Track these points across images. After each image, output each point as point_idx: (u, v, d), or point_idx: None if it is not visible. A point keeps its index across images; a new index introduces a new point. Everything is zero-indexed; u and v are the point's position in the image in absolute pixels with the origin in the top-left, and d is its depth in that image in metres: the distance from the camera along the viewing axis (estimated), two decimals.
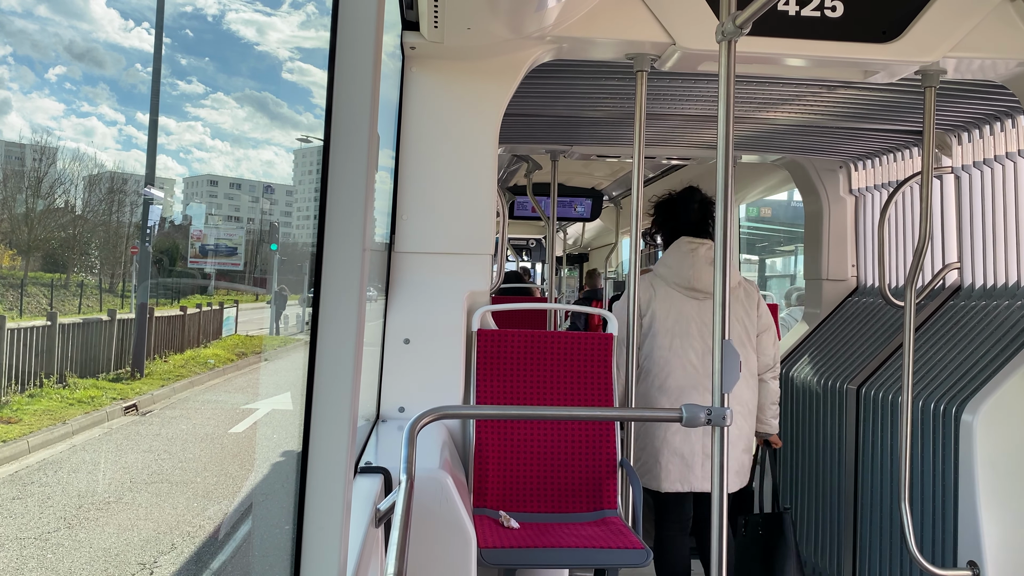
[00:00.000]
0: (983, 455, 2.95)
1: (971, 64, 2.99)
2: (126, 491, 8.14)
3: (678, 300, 3.44)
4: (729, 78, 2.06)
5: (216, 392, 14.18)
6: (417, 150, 3.12)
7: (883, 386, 3.65)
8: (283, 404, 12.97)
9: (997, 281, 3.51)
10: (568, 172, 6.76)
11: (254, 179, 72.92)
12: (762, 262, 18.76)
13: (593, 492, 3.10)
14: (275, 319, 22.76)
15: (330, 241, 1.39)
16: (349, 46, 1.39)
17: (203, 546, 6.80)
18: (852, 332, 4.29)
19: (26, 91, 48.77)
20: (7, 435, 9.60)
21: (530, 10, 2.60)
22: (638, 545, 2.71)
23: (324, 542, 1.42)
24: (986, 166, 3.58)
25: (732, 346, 2.03)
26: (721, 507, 1.99)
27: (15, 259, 18.58)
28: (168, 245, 24.94)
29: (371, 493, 2.13)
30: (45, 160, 22.04)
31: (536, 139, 4.72)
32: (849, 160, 4.63)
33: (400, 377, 3.07)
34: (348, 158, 1.39)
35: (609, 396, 3.22)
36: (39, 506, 7.53)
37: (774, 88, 3.44)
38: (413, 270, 3.12)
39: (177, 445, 10.13)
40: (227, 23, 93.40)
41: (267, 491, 8.46)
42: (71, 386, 12.37)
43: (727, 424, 1.98)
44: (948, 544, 3.10)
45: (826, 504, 4.06)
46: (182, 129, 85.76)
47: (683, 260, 3.45)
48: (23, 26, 46.94)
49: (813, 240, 4.77)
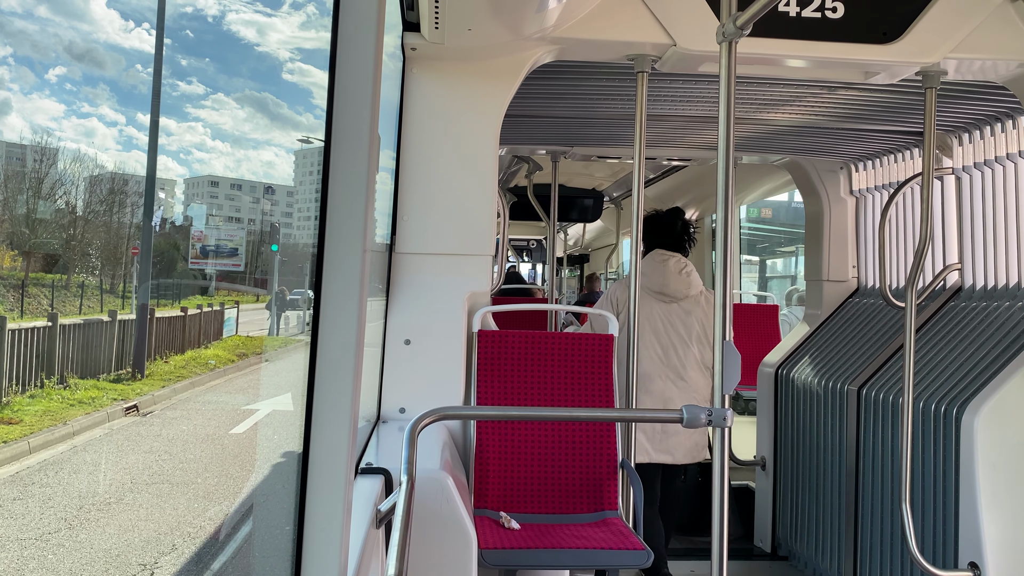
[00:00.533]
0: (984, 456, 2.95)
1: (972, 65, 2.99)
2: (127, 492, 8.14)
3: (649, 301, 4.00)
4: (730, 79, 2.06)
5: (217, 393, 14.18)
6: (418, 151, 3.12)
7: (884, 387, 3.65)
8: (284, 405, 12.97)
9: (998, 282, 3.51)
10: (569, 173, 6.76)
11: (255, 180, 72.95)
12: (762, 263, 18.75)
13: (594, 493, 3.10)
14: (276, 320, 22.77)
15: (331, 242, 1.39)
16: (350, 47, 1.39)
17: (204, 547, 6.80)
18: (853, 333, 4.29)
19: (27, 91, 48.81)
20: (8, 436, 9.60)
21: (531, 11, 2.60)
22: (639, 546, 2.71)
23: (325, 543, 1.42)
24: (987, 167, 3.58)
25: (733, 347, 2.03)
26: (722, 503, 1.99)
27: (16, 260, 18.59)
28: (169, 246, 24.95)
29: (372, 494, 2.13)
30: (46, 161, 22.05)
31: (537, 140, 4.72)
32: (850, 161, 4.63)
33: (401, 378, 3.07)
34: (349, 159, 1.39)
35: (610, 397, 3.22)
36: (40, 507, 7.53)
37: (775, 89, 3.44)
38: (414, 271, 3.12)
39: (178, 446, 10.14)
40: (227, 24, 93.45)
41: (268, 492, 8.46)
42: (72, 387, 12.38)
43: (727, 425, 1.98)
44: (949, 545, 3.10)
45: (826, 505, 4.06)
46: (183, 130, 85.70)
47: (656, 269, 4.03)
48: (24, 27, 46.99)
49: (814, 241, 4.77)
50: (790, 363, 4.60)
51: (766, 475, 4.63)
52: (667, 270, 3.97)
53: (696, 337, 3.96)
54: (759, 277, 18.10)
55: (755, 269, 18.12)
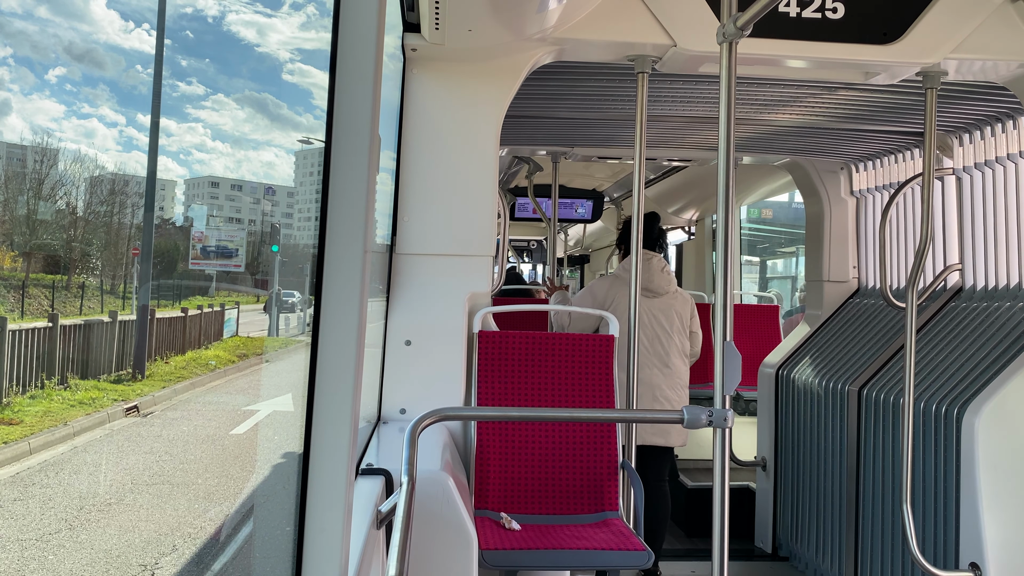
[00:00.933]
0: (985, 456, 2.95)
1: (972, 66, 2.99)
2: (127, 492, 8.14)
3: None
4: (730, 80, 2.06)
5: (217, 393, 14.18)
6: (418, 152, 3.12)
7: (884, 388, 3.65)
8: (284, 405, 12.97)
9: (999, 282, 3.50)
10: (569, 173, 6.76)
11: (255, 181, 72.95)
12: (763, 263, 18.77)
13: (594, 494, 3.10)
14: (275, 320, 22.77)
15: (331, 243, 1.39)
16: (350, 48, 1.39)
17: (204, 547, 6.80)
18: (853, 334, 4.29)
19: (26, 92, 48.80)
20: (8, 436, 9.61)
21: (531, 12, 2.60)
22: (640, 547, 2.70)
23: (325, 544, 1.42)
24: (987, 167, 3.57)
25: (733, 347, 2.03)
26: (723, 504, 1.99)
27: (16, 260, 18.60)
28: (170, 246, 24.94)
29: (372, 495, 2.13)
30: (46, 162, 22.05)
31: (537, 141, 4.72)
32: (850, 161, 4.63)
33: (401, 379, 3.07)
34: (349, 160, 1.39)
35: (610, 397, 3.22)
36: (40, 507, 7.53)
37: (775, 90, 3.44)
38: (414, 272, 3.12)
39: (178, 447, 10.14)
40: (227, 24, 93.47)
41: (268, 493, 8.46)
42: (72, 387, 12.38)
43: (728, 426, 1.98)
44: (950, 546, 3.10)
45: (827, 506, 4.05)
46: (183, 130, 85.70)
47: (642, 267, 4.23)
48: (23, 27, 46.98)
49: (814, 242, 4.77)
50: (791, 364, 4.60)
51: (767, 476, 4.63)
52: (652, 268, 4.29)
53: (676, 329, 4.29)
54: (759, 278, 18.10)
55: (755, 270, 18.12)
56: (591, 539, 2.77)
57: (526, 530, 2.85)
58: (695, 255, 7.70)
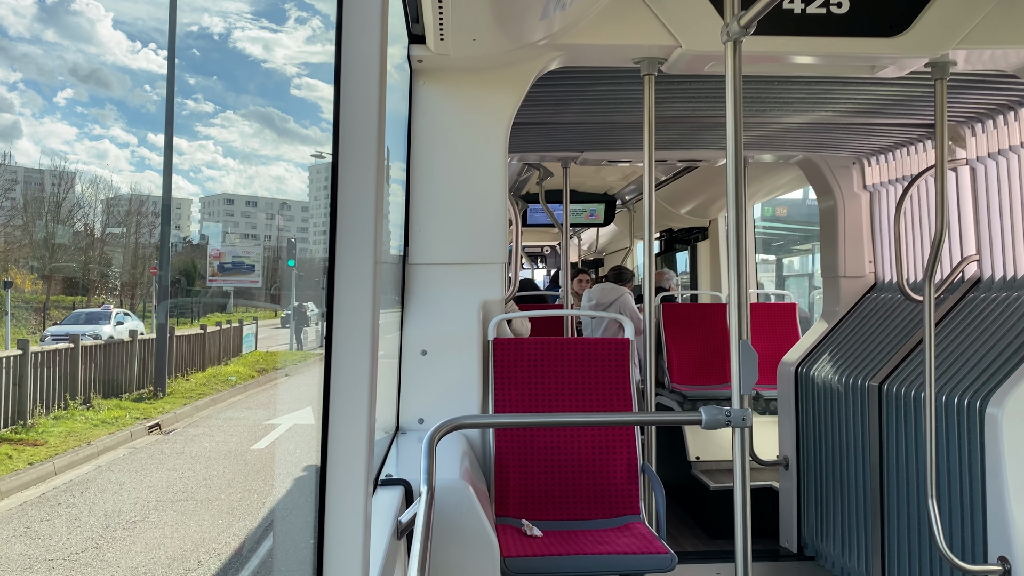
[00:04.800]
0: (1010, 448, 2.91)
1: (981, 55, 2.96)
2: (152, 510, 8.20)
3: None
4: (736, 78, 2.06)
5: (238, 409, 14.26)
6: (427, 162, 3.13)
7: (905, 382, 3.61)
8: (305, 419, 13.02)
9: (1018, 272, 3.47)
10: (580, 177, 6.76)
11: (269, 196, 73.40)
12: (779, 261, 18.65)
13: (615, 498, 3.09)
14: (295, 334, 22.88)
15: (342, 255, 1.40)
16: (354, 61, 1.40)
17: (229, 562, 6.84)
18: (872, 329, 4.25)
19: (38, 116, 49.37)
20: (34, 457, 9.70)
21: (533, 19, 2.61)
22: (663, 550, 2.69)
23: (345, 556, 1.42)
24: (1001, 156, 3.54)
25: (750, 346, 2.02)
26: (744, 504, 1.98)
27: (37, 283, 18.80)
28: (187, 264, 25.12)
29: (392, 506, 2.13)
30: (63, 185, 22.30)
31: (546, 147, 4.73)
32: (862, 156, 4.60)
33: (418, 388, 3.08)
34: (357, 172, 1.40)
35: (628, 401, 3.21)
36: (67, 527, 7.60)
37: (783, 87, 3.43)
38: (427, 281, 3.13)
39: (201, 463, 10.20)
40: (233, 41, 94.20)
41: (291, 506, 8.49)
42: (95, 407, 12.50)
43: (746, 426, 1.97)
44: (978, 540, 3.06)
45: (851, 503, 4.01)
46: (194, 148, 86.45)
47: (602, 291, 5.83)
48: (29, 50, 47.58)
49: (829, 238, 4.74)
50: (810, 361, 4.56)
51: (789, 475, 4.59)
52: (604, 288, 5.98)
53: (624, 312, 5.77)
54: (776, 275, 18.00)
55: (772, 268, 18.02)
56: (614, 543, 2.76)
57: (548, 537, 2.84)
58: (710, 255, 7.67)
